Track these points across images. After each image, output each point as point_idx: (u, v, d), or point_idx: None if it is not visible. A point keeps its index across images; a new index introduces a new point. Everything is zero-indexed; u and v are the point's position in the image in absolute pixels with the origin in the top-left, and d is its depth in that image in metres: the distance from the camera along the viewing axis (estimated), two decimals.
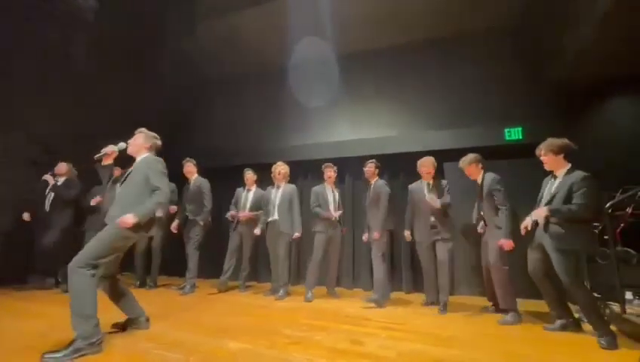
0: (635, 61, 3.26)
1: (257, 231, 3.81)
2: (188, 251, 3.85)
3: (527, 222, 2.41)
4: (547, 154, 2.39)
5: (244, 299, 3.53)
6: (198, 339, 2.04)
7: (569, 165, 2.36)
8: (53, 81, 4.44)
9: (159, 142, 2.40)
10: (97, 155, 2.29)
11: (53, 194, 3.83)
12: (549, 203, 2.31)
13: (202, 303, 3.25)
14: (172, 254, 4.32)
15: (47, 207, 3.80)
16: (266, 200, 3.83)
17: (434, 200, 3.09)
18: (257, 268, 4.79)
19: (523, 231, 2.44)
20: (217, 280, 3.86)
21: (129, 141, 2.33)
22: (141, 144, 2.30)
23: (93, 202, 3.90)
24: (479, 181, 2.90)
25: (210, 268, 4.67)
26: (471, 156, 2.94)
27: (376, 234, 3.25)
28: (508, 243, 2.62)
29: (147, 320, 2.27)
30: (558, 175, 2.37)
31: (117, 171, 2.67)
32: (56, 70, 4.46)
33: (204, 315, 2.72)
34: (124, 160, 2.46)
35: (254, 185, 4.12)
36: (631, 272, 2.66)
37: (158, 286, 4.12)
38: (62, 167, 3.92)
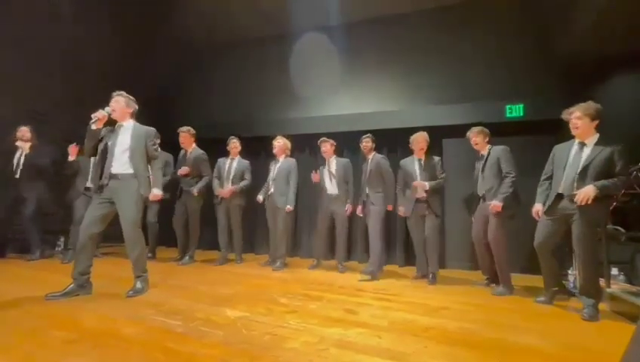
0: (639, 38, 3.16)
1: (260, 198, 3.83)
2: (190, 223, 3.89)
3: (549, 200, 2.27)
4: (583, 118, 2.15)
5: (241, 269, 3.61)
6: (197, 307, 2.11)
7: (598, 134, 2.19)
8: (41, 43, 4.23)
9: (137, 106, 2.52)
10: (91, 121, 2.30)
11: (23, 160, 3.63)
12: (582, 173, 2.14)
13: (200, 273, 3.32)
14: (169, 225, 4.35)
15: (17, 175, 3.61)
16: (267, 172, 3.85)
17: (422, 185, 3.12)
18: (254, 240, 4.87)
19: (539, 213, 2.36)
20: (216, 253, 3.92)
21: (111, 104, 2.39)
22: (124, 109, 2.42)
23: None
24: (485, 153, 2.88)
25: (207, 239, 4.73)
26: (480, 128, 2.94)
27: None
28: (497, 206, 2.64)
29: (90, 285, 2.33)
30: (588, 143, 2.19)
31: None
32: (44, 31, 4.23)
33: (201, 285, 2.78)
34: None
35: (238, 155, 4.01)
36: (618, 249, 2.74)
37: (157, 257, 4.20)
38: (25, 131, 3.70)
